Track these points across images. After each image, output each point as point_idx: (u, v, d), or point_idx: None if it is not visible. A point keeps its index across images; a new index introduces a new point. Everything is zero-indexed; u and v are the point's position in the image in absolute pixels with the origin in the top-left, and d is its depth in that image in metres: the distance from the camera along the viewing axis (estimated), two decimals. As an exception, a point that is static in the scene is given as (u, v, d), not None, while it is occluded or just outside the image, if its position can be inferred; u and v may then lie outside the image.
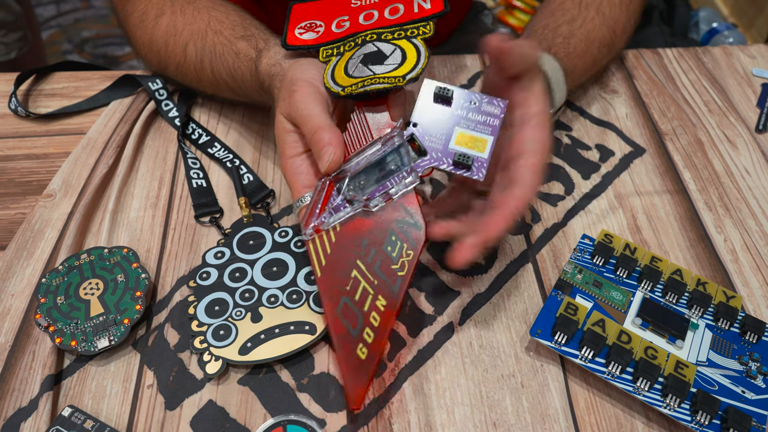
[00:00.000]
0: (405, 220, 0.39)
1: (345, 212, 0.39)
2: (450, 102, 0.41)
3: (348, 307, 0.37)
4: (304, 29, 0.45)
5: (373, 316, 0.37)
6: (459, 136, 0.40)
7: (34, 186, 0.51)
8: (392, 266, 0.38)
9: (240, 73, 0.48)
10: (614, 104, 0.58)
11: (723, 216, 0.49)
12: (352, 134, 0.41)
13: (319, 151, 0.38)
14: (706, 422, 0.36)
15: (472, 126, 0.40)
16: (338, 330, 0.37)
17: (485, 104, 0.40)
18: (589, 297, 0.42)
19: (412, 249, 0.38)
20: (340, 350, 0.37)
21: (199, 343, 0.40)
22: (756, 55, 0.63)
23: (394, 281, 0.38)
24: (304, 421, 0.37)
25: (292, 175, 0.41)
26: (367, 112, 0.41)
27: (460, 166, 0.39)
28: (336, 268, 0.38)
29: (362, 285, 0.38)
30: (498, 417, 0.38)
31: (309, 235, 0.39)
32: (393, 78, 0.39)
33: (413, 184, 0.39)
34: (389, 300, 0.37)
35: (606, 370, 0.38)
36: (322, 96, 0.41)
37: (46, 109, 0.57)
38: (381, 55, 0.41)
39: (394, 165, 0.39)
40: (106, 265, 0.43)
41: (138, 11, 0.55)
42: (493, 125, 0.40)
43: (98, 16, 1.81)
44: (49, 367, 0.39)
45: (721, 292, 0.42)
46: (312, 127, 0.39)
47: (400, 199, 0.39)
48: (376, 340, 0.37)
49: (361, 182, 0.39)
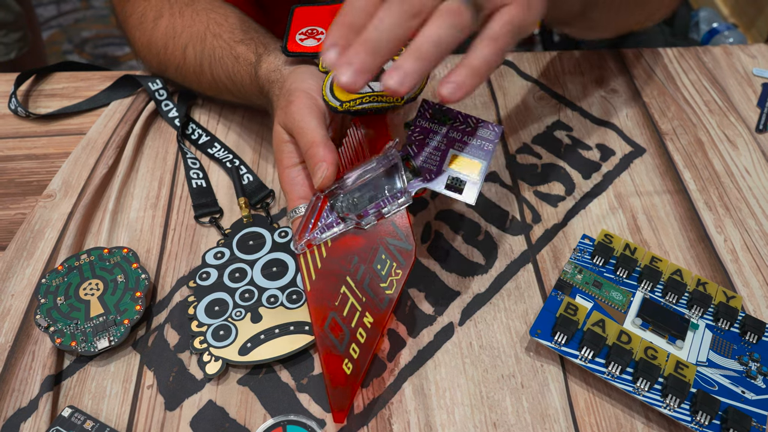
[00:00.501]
0: (395, 240, 0.39)
1: (337, 229, 0.39)
2: (446, 123, 0.41)
3: (335, 323, 0.38)
4: (305, 35, 0.45)
5: (359, 332, 0.37)
6: (452, 158, 0.40)
7: (34, 186, 0.51)
8: (381, 284, 0.38)
9: (240, 77, 0.48)
10: (614, 104, 0.58)
11: (723, 216, 0.49)
12: (348, 150, 0.41)
13: (312, 167, 0.38)
14: (706, 422, 0.36)
15: (466, 149, 0.41)
16: (325, 345, 0.37)
17: (480, 128, 0.41)
18: (589, 297, 0.42)
19: (401, 268, 0.38)
20: (326, 365, 0.37)
21: (198, 344, 0.40)
22: (756, 55, 0.63)
23: (382, 299, 0.38)
24: (303, 421, 0.37)
25: (288, 185, 0.41)
26: (365, 129, 0.41)
27: (452, 189, 0.39)
28: (325, 283, 0.39)
29: (350, 301, 0.38)
30: (498, 417, 0.38)
31: (300, 249, 0.40)
32: (391, 97, 0.40)
33: (406, 204, 0.39)
34: (376, 317, 0.37)
35: (606, 371, 0.38)
36: (319, 108, 0.40)
37: (46, 109, 0.57)
38: (381, 71, 0.41)
39: (388, 184, 0.39)
40: (106, 265, 0.43)
41: (137, 13, 0.55)
42: (486, 149, 0.41)
43: (98, 17, 1.81)
44: (48, 367, 0.39)
45: (721, 293, 0.42)
46: (307, 142, 0.39)
47: (391, 218, 0.39)
48: (362, 356, 0.37)
49: (355, 200, 0.40)
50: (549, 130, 0.56)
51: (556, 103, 0.58)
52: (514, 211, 0.49)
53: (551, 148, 0.54)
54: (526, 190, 0.51)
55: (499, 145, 0.54)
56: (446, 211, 0.49)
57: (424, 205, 0.49)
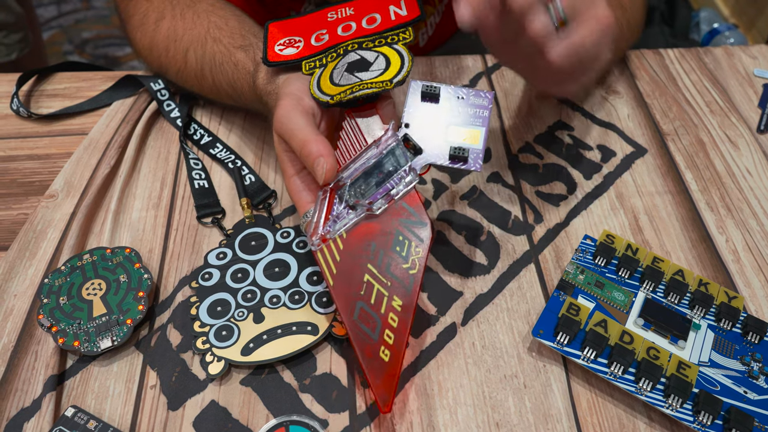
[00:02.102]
0: (409, 219, 0.39)
1: (349, 218, 0.39)
2: (438, 99, 0.42)
3: (365, 312, 0.37)
4: (284, 45, 0.45)
5: (391, 317, 0.37)
6: (452, 130, 0.41)
7: (37, 186, 0.51)
8: (404, 266, 0.38)
9: (239, 84, 0.48)
10: (616, 105, 0.58)
11: (725, 216, 0.49)
12: (346, 142, 0.41)
13: (311, 165, 0.38)
14: (709, 423, 0.36)
15: (462, 120, 0.41)
16: (358, 337, 0.37)
17: (473, 97, 0.42)
18: (591, 297, 0.42)
19: (421, 246, 0.39)
20: (363, 356, 0.37)
21: (201, 344, 0.40)
22: (757, 56, 0.63)
23: (407, 280, 0.38)
24: (306, 421, 0.37)
25: (295, 193, 0.41)
26: (358, 118, 0.41)
27: (456, 160, 0.40)
28: (348, 275, 0.38)
29: (376, 288, 0.38)
30: (501, 417, 0.38)
31: (316, 245, 0.39)
32: (381, 82, 0.40)
33: (413, 183, 0.39)
34: (405, 299, 0.38)
35: (608, 371, 0.38)
36: (305, 107, 0.40)
37: (48, 109, 0.57)
38: (365, 62, 0.42)
39: (391, 166, 0.40)
40: (108, 265, 0.43)
41: (139, 13, 0.55)
42: (483, 116, 0.41)
43: (99, 17, 1.81)
44: (51, 367, 0.40)
45: (723, 293, 0.42)
46: (299, 142, 0.39)
47: (402, 199, 0.39)
48: (397, 341, 0.37)
49: (362, 187, 0.40)
50: (550, 130, 0.56)
51: (558, 103, 0.58)
52: (516, 212, 0.49)
53: (553, 148, 0.54)
54: (528, 190, 0.51)
55: (501, 144, 0.54)
56: (448, 211, 0.49)
57: (426, 206, 0.49)
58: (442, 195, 0.50)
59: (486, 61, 0.62)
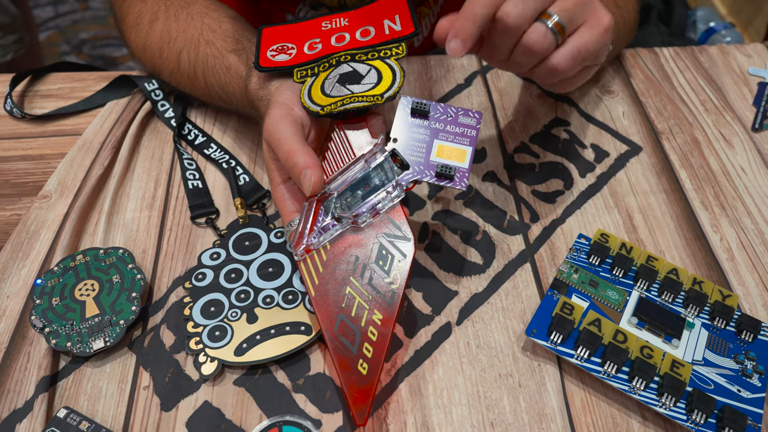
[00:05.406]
0: (393, 234, 0.39)
1: (334, 230, 0.39)
2: (427, 116, 0.42)
3: (345, 324, 0.37)
4: (276, 51, 0.45)
5: (370, 330, 0.37)
6: (439, 148, 0.41)
7: (30, 187, 0.51)
8: (385, 280, 0.38)
9: (231, 89, 0.48)
10: (611, 103, 0.58)
11: (719, 215, 0.49)
12: (334, 153, 0.41)
13: (298, 176, 0.38)
14: (702, 421, 0.36)
15: (450, 138, 0.42)
16: (337, 349, 0.37)
17: (462, 116, 0.42)
18: (585, 296, 0.42)
19: (404, 261, 0.39)
20: (341, 369, 0.37)
21: (194, 344, 0.40)
22: (752, 54, 0.63)
23: (388, 295, 0.38)
24: (300, 421, 0.37)
25: (280, 201, 0.41)
26: (348, 130, 0.41)
27: (442, 177, 0.40)
28: (329, 287, 0.38)
29: (357, 301, 0.38)
30: (495, 417, 0.38)
31: (300, 255, 0.39)
32: (372, 96, 0.40)
33: (399, 198, 0.40)
34: (385, 313, 0.38)
35: (602, 370, 0.38)
36: (294, 117, 0.40)
37: (42, 110, 0.57)
38: (357, 75, 0.42)
39: (378, 180, 0.40)
40: (101, 266, 0.43)
41: (133, 13, 0.55)
42: (470, 136, 0.42)
43: (96, 18, 1.80)
44: (44, 368, 0.39)
45: (717, 291, 0.42)
46: (285, 152, 0.39)
47: (387, 213, 0.40)
48: (376, 354, 0.37)
49: (348, 200, 0.40)
50: (546, 129, 0.56)
51: (554, 101, 0.58)
52: (512, 211, 0.49)
53: (549, 147, 0.54)
54: (524, 189, 0.51)
55: (496, 144, 0.54)
56: (444, 211, 0.49)
57: (421, 206, 0.49)
58: (437, 195, 0.50)
59: (481, 60, 0.62)
